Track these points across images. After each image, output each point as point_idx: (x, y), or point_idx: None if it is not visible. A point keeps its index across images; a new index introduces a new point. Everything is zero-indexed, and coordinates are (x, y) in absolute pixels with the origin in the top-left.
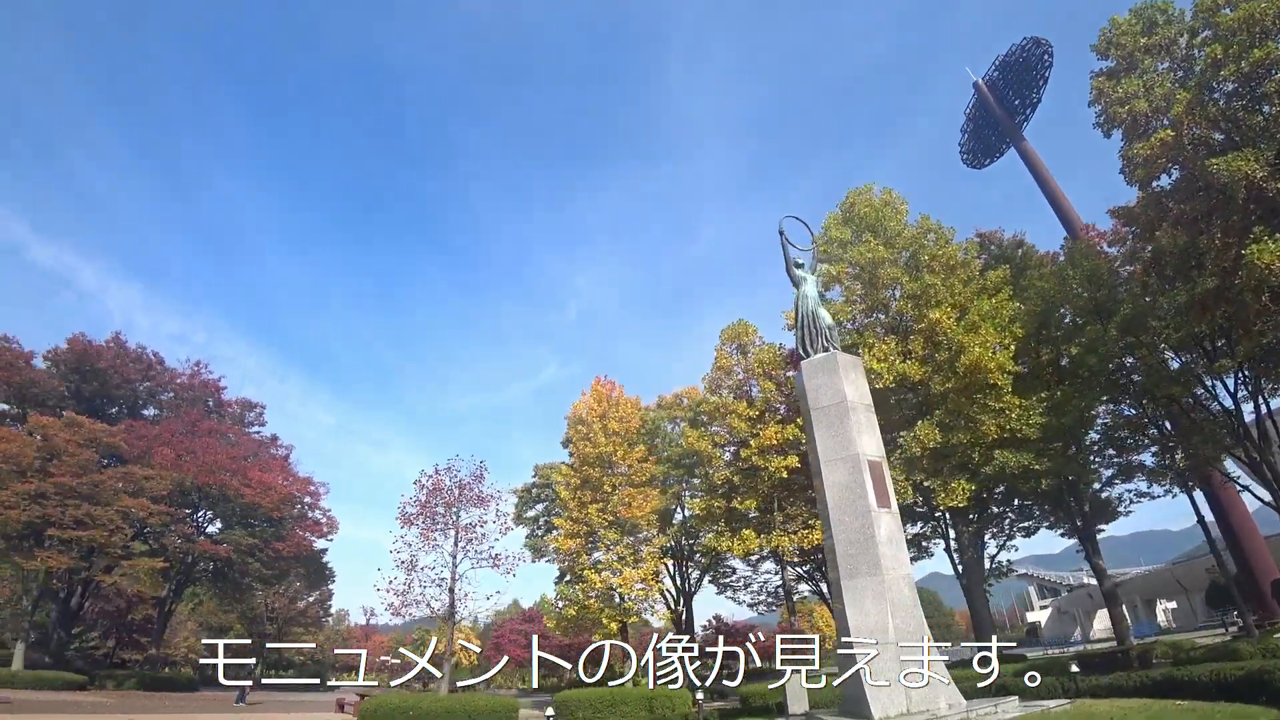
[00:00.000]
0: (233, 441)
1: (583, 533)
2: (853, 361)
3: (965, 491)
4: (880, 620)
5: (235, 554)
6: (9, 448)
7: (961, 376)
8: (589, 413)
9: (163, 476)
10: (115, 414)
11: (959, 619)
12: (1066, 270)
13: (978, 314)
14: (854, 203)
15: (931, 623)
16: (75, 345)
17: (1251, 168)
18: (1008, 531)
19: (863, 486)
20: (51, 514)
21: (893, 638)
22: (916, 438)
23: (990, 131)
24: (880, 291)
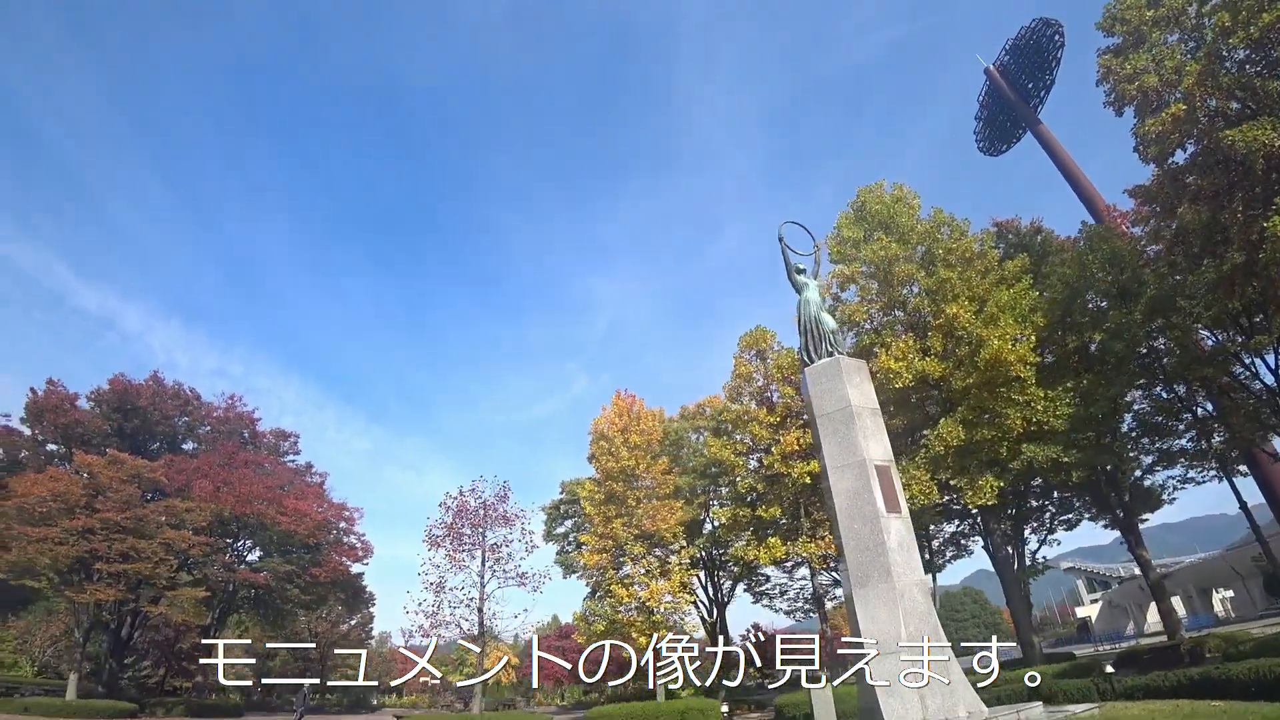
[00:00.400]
0: (269, 471)
1: (609, 547)
2: (857, 365)
3: (993, 489)
4: (892, 627)
5: (274, 581)
6: (57, 486)
7: (983, 371)
8: (610, 427)
9: (202, 508)
10: (156, 449)
11: (1007, 617)
12: (1086, 255)
13: (996, 305)
14: (865, 201)
15: (977, 621)
16: (116, 385)
17: (1269, 136)
18: (1048, 525)
19: (871, 492)
20: (99, 548)
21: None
22: (940, 436)
23: (1005, 117)
24: (896, 289)
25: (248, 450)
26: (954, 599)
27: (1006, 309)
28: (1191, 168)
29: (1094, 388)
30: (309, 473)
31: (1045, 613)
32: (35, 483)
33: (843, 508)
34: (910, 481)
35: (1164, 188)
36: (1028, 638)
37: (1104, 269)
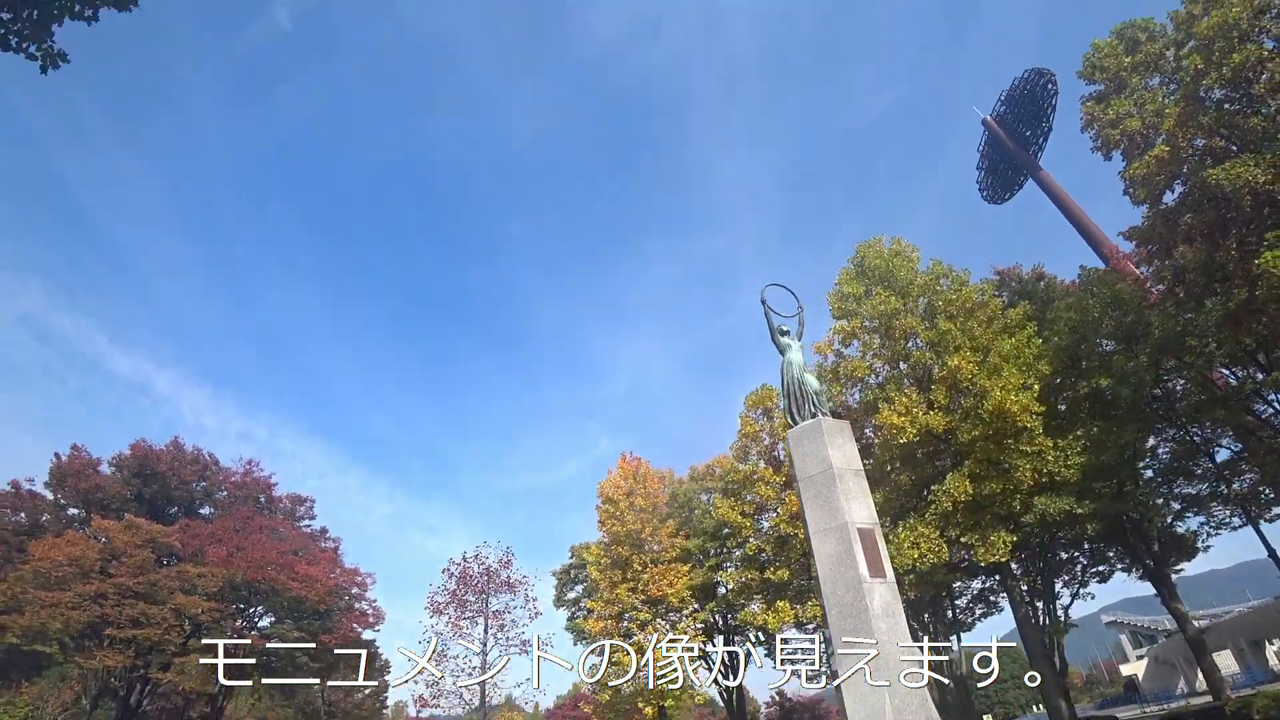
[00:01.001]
0: (284, 536)
1: (614, 614)
2: (839, 426)
3: (1006, 544)
4: (876, 701)
5: (284, 648)
6: (74, 551)
7: (988, 423)
8: (615, 490)
9: (214, 574)
10: (175, 514)
11: None
12: (1086, 299)
13: (998, 355)
14: (864, 256)
15: (1017, 682)
16: (137, 450)
17: (1253, 174)
18: (1080, 577)
19: (853, 557)
20: (110, 613)
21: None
22: (947, 491)
23: (1006, 165)
24: (899, 343)
25: (264, 515)
26: None
27: (1009, 358)
28: (1182, 208)
29: (1104, 435)
30: (324, 538)
31: (1092, 670)
32: (53, 547)
33: (825, 573)
34: (919, 539)
35: (1156, 229)
36: (1054, 703)
37: (1105, 312)
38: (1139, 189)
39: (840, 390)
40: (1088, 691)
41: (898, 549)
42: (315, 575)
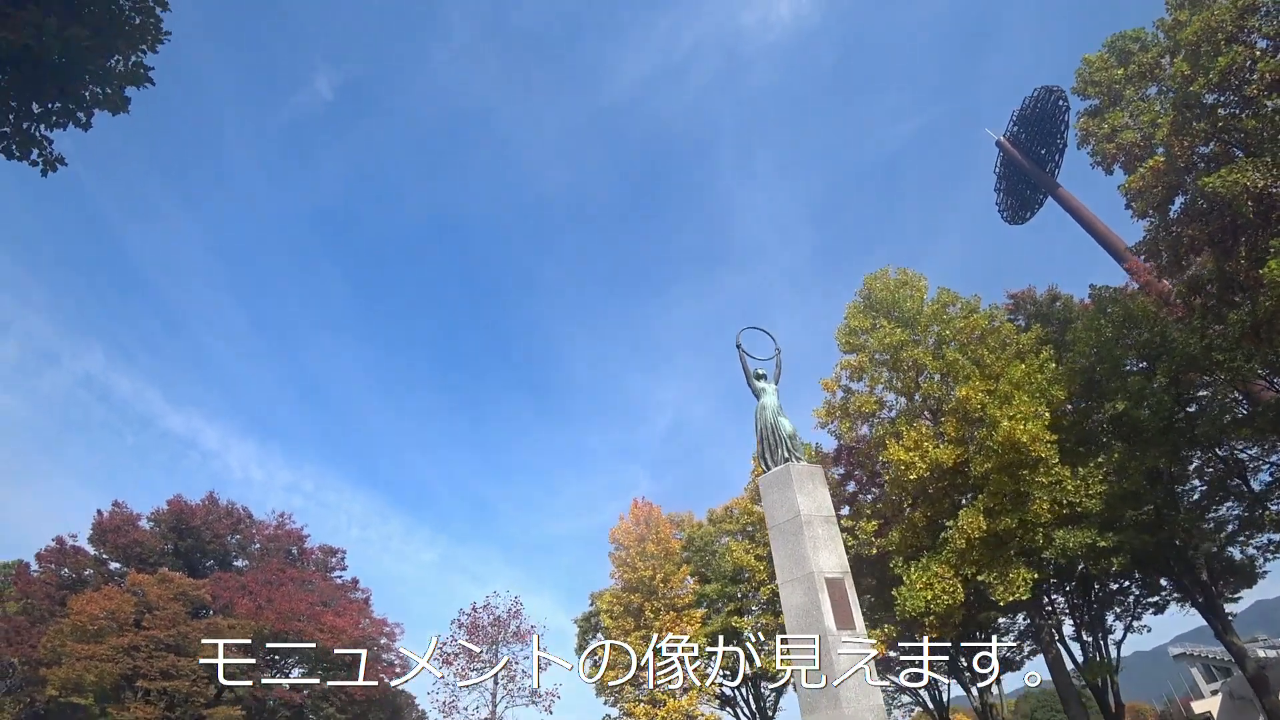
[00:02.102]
0: (315, 587)
1: (625, 663)
2: (810, 471)
3: (1027, 581)
4: None
5: (310, 699)
6: (110, 604)
7: (1000, 454)
8: (626, 536)
9: (243, 625)
10: (210, 566)
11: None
12: (1098, 319)
13: (1009, 383)
14: (871, 288)
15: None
16: (174, 505)
17: (1251, 178)
18: (1132, 610)
19: (819, 608)
20: (142, 666)
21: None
22: (960, 528)
23: (1023, 185)
24: (907, 375)
25: (295, 567)
26: (1051, 698)
27: (1021, 385)
28: (1184, 218)
29: (1126, 461)
30: (354, 588)
31: (1168, 707)
32: (91, 601)
33: (791, 625)
34: (932, 580)
35: (1158, 242)
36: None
37: (1119, 331)
38: (1138, 202)
39: (850, 427)
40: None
41: (910, 590)
42: (342, 626)
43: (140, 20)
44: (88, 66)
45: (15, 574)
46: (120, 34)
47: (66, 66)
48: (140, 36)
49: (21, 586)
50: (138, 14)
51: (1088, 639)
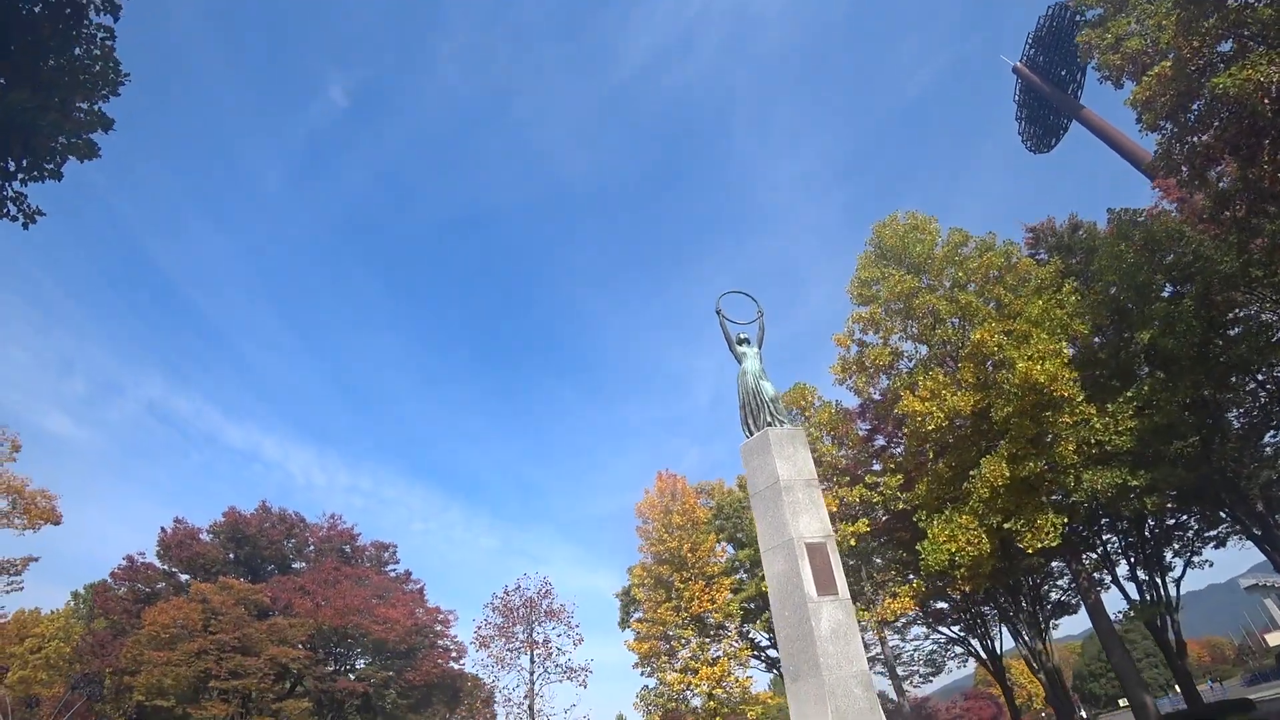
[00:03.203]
0: (369, 582)
1: (658, 634)
2: (789, 435)
3: (1056, 527)
4: None
5: (372, 688)
6: (178, 614)
7: (1020, 397)
8: (651, 510)
9: (302, 624)
10: (271, 571)
11: (1197, 649)
12: (1117, 245)
13: (1026, 321)
14: (880, 236)
15: (1154, 660)
16: (229, 517)
17: (1266, 73)
18: (1192, 545)
19: (799, 575)
20: (212, 668)
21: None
22: (983, 477)
23: (1046, 111)
24: (923, 323)
25: (349, 565)
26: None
27: (1039, 323)
28: (1198, 126)
29: (1155, 394)
30: (408, 581)
31: (1245, 640)
32: (161, 611)
33: (774, 593)
34: (955, 532)
35: (1171, 156)
36: (1138, 699)
37: (1140, 256)
38: (1147, 114)
39: (867, 381)
40: (1241, 665)
41: (933, 544)
42: (394, 617)
43: (99, 67)
44: (41, 123)
45: (96, 593)
46: (78, 85)
47: (23, 126)
48: (101, 82)
49: (102, 604)
50: (96, 61)
51: (1143, 578)
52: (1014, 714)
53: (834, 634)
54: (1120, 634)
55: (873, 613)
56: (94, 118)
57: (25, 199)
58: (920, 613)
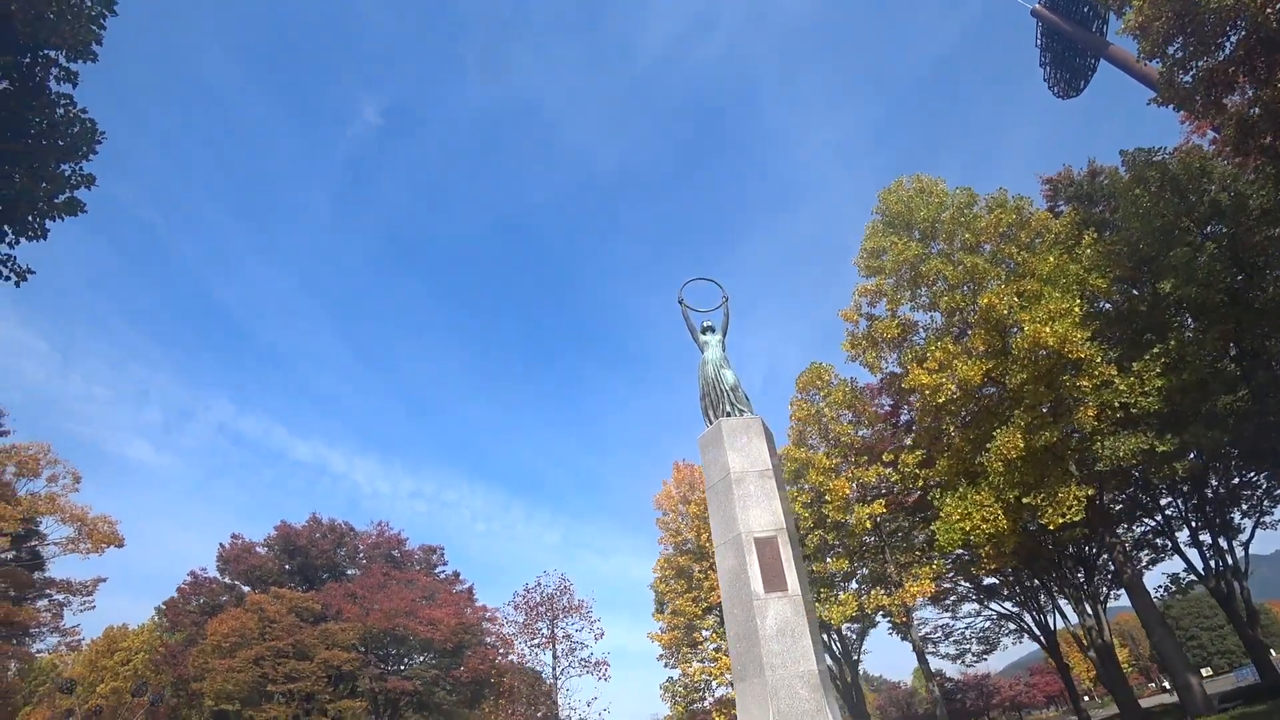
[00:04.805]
0: (418, 585)
1: (680, 625)
2: (744, 425)
3: (1079, 500)
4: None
5: (423, 686)
6: (237, 624)
7: (1034, 362)
8: (668, 501)
9: (352, 628)
10: (325, 579)
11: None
12: (1133, 189)
13: (1038, 280)
14: (886, 203)
15: (1216, 635)
16: (281, 530)
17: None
18: (1260, 505)
19: (746, 571)
20: (269, 672)
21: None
22: (997, 450)
23: (1071, 53)
24: (934, 290)
25: (398, 569)
26: (1198, 603)
27: (1052, 280)
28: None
29: (1182, 349)
30: (456, 582)
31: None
32: (221, 622)
33: (724, 590)
34: (970, 510)
35: (1174, 84)
36: (1183, 679)
37: (1157, 200)
38: (1144, 42)
39: (876, 356)
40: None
41: (946, 523)
42: (440, 618)
43: (79, 128)
44: (15, 193)
45: (167, 608)
46: (55, 150)
47: (3, 198)
48: (82, 142)
49: (172, 617)
50: (73, 123)
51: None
52: (1071, 691)
53: (780, 632)
54: (1177, 606)
55: (895, 596)
56: (78, 177)
57: (14, 260)
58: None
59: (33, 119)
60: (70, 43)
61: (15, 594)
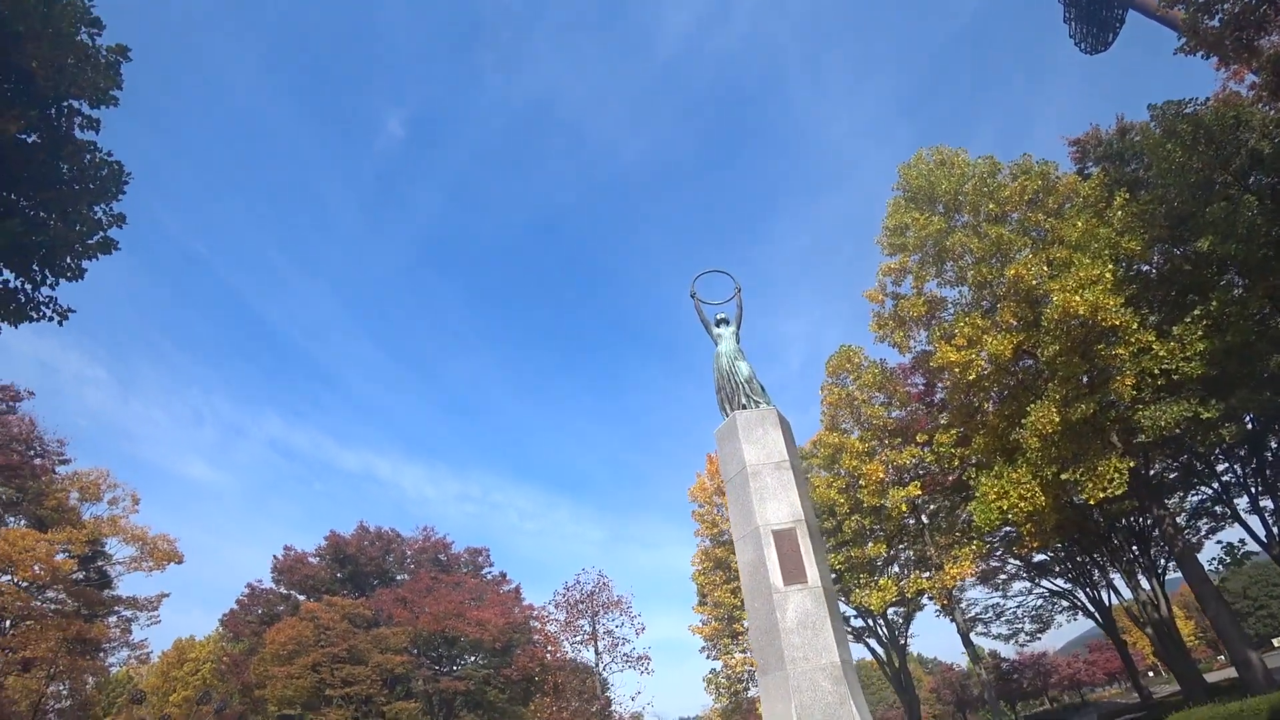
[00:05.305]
0: (465, 587)
1: (720, 616)
2: (758, 417)
3: (1121, 473)
4: None
5: (474, 685)
6: (293, 632)
7: (1067, 332)
8: (702, 493)
9: (403, 632)
10: (376, 585)
11: None
12: (1164, 145)
13: (1066, 247)
14: (906, 178)
15: (1266, 615)
16: (330, 540)
17: None
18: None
19: (765, 564)
20: (326, 678)
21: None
22: (1032, 425)
23: (1096, 5)
24: (959, 264)
25: (446, 572)
26: (1267, 570)
27: (1082, 246)
28: None
29: (1225, 309)
30: (504, 582)
31: None
32: (278, 630)
33: (745, 584)
34: (1006, 488)
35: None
36: (1242, 655)
37: (1188, 155)
38: None
39: (904, 336)
40: None
41: (982, 502)
42: (488, 618)
43: (106, 171)
44: (51, 238)
45: (228, 619)
46: (85, 193)
47: (40, 244)
48: (110, 184)
49: (233, 628)
50: (101, 167)
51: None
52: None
53: (801, 625)
54: (1243, 575)
55: (934, 579)
56: (109, 217)
57: (55, 300)
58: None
59: (62, 167)
60: (90, 92)
61: (87, 612)
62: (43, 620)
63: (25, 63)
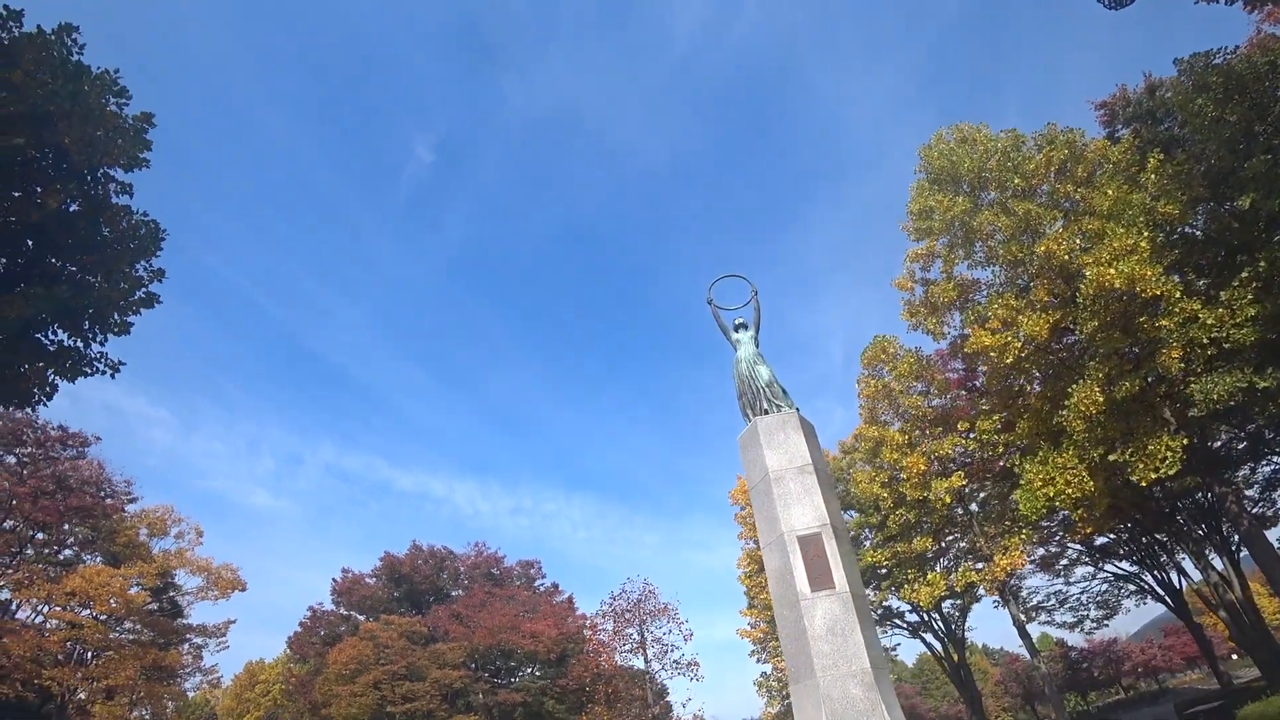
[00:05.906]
0: (519, 600)
1: (768, 619)
2: (780, 421)
3: (1174, 452)
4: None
5: (531, 697)
6: (354, 652)
7: (1105, 307)
8: (743, 494)
9: (460, 647)
10: (431, 602)
11: None
12: (1194, 100)
13: (1098, 217)
14: (928, 160)
15: None
16: (385, 560)
17: None
18: None
19: (791, 571)
20: (387, 694)
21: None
22: (1075, 407)
23: None
24: (990, 244)
25: (499, 586)
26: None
27: (1114, 215)
28: None
29: (1275, 270)
30: (556, 593)
31: None
32: (340, 651)
33: (773, 591)
34: (1052, 473)
35: None
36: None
37: (1220, 109)
38: None
39: (937, 323)
40: None
41: (1027, 489)
42: (541, 630)
43: (144, 230)
44: (88, 299)
45: (292, 641)
46: (126, 252)
47: (88, 306)
48: (149, 242)
49: (297, 650)
50: (139, 227)
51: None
52: (1207, 653)
53: (830, 631)
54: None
55: (984, 570)
56: (149, 273)
57: (106, 355)
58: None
59: (103, 230)
60: (122, 158)
61: (162, 641)
62: (121, 650)
63: (59, 140)
